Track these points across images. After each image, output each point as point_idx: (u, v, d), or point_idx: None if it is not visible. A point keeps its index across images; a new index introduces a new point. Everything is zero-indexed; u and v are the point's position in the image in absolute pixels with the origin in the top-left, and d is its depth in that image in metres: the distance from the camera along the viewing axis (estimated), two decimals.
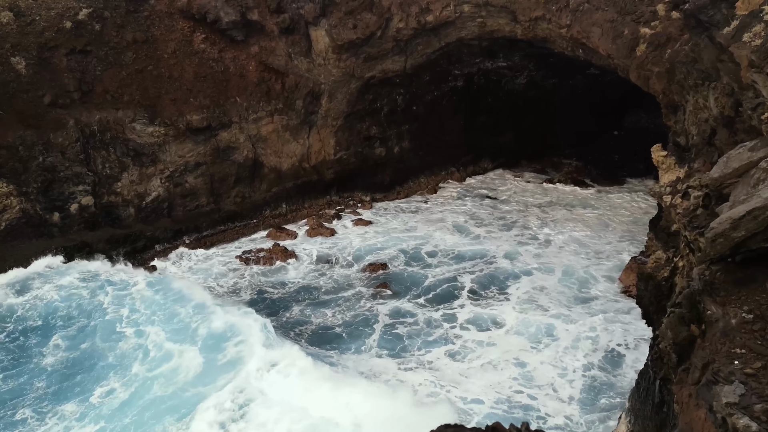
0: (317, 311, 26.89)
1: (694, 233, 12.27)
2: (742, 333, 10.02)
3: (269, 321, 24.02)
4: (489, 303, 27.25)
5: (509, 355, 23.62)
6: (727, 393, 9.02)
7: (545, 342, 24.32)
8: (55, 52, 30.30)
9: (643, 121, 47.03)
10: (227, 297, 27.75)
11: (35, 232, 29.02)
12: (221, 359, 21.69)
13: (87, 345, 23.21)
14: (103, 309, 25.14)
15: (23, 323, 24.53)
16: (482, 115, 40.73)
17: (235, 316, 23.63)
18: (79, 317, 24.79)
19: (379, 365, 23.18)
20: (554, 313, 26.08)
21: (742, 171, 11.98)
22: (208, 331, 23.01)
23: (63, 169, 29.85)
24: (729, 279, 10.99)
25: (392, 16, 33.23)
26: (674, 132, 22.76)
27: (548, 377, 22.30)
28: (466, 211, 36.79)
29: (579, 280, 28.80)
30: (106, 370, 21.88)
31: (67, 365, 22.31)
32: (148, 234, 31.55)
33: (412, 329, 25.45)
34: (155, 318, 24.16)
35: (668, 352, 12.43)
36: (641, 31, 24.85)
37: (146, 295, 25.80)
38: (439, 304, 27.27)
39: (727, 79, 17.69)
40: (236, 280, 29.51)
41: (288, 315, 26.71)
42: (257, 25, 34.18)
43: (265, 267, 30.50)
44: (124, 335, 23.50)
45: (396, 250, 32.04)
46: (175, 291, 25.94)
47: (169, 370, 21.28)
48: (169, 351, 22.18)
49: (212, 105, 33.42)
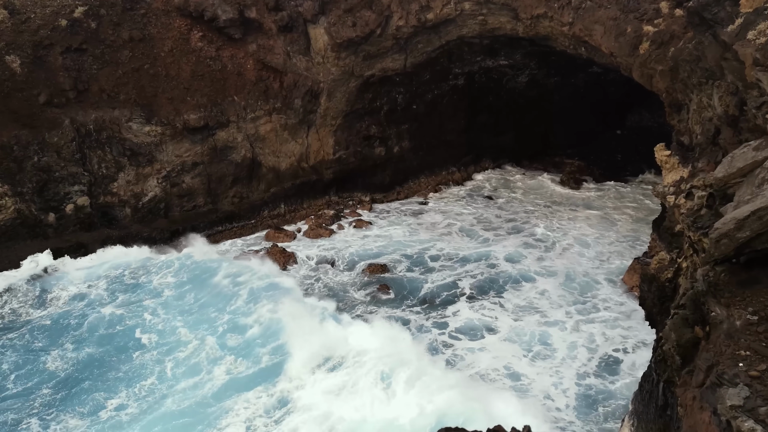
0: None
1: (698, 234, 12.27)
2: (747, 335, 10.01)
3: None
4: (485, 307, 26.95)
5: (499, 363, 23.30)
6: (731, 395, 9.01)
7: (538, 350, 23.99)
8: (50, 50, 30.29)
9: (645, 120, 47.02)
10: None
11: (30, 233, 29.03)
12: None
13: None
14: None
15: (35, 324, 24.87)
16: (483, 114, 40.73)
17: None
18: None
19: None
20: (552, 320, 25.86)
21: (746, 170, 11.96)
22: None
23: (58, 169, 29.84)
24: (733, 280, 10.99)
25: (392, 13, 33.22)
26: (678, 131, 22.75)
27: (543, 386, 21.97)
28: (468, 212, 36.71)
29: (581, 284, 28.70)
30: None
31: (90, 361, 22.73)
32: (144, 235, 31.55)
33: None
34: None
35: (672, 354, 12.43)
36: (644, 29, 24.85)
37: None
38: (434, 311, 26.90)
39: (732, 77, 17.67)
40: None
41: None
42: (255, 23, 34.17)
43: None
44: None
45: (395, 252, 31.95)
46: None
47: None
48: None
49: (209, 104, 33.41)
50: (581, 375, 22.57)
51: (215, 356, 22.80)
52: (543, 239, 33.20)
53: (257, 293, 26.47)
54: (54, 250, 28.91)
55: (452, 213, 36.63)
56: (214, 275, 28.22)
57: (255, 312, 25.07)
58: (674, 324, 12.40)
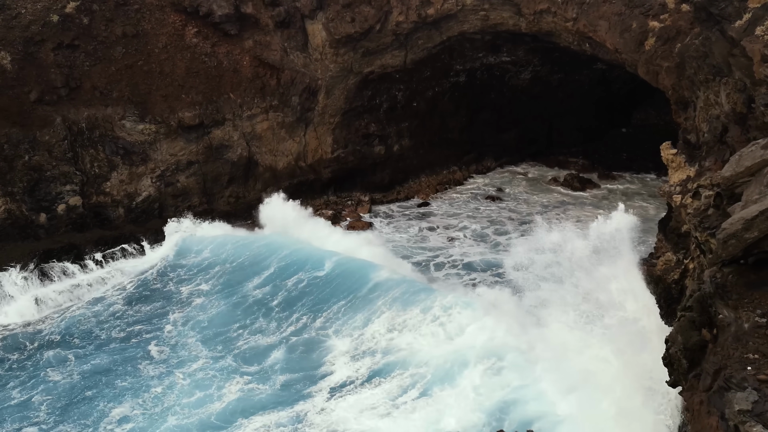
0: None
1: (705, 234, 12.28)
2: (756, 338, 10.02)
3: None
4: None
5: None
6: (739, 400, 9.02)
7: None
8: (41, 46, 30.29)
9: (651, 118, 46.96)
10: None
11: (21, 234, 29.02)
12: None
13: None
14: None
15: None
16: (485, 112, 40.70)
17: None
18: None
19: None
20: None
21: (754, 169, 11.97)
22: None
23: (50, 168, 29.83)
24: (741, 281, 10.99)
25: (391, 9, 33.21)
26: (684, 129, 22.77)
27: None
28: (470, 214, 36.25)
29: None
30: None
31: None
32: (138, 235, 31.53)
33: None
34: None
35: (678, 358, 12.44)
36: (650, 25, 24.87)
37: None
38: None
39: (739, 74, 17.69)
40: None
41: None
42: (251, 18, 34.16)
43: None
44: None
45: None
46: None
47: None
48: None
49: (205, 101, 33.40)
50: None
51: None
52: (548, 243, 32.26)
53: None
54: (45, 252, 28.89)
55: (454, 215, 36.14)
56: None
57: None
58: (681, 327, 12.40)
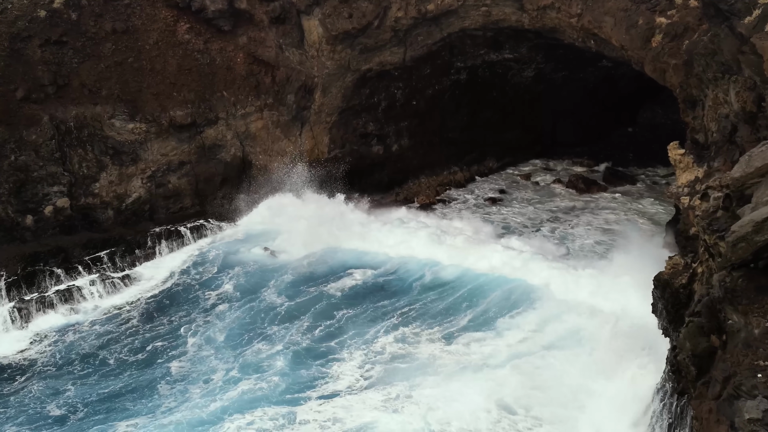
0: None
1: (714, 237, 12.29)
2: (766, 344, 10.03)
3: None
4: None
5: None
6: (750, 408, 9.03)
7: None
8: (28, 42, 30.27)
9: (658, 117, 47.09)
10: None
11: (6, 237, 28.97)
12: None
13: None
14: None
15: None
16: (487, 111, 40.72)
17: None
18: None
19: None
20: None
21: (765, 170, 11.99)
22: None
23: (37, 168, 29.80)
24: (751, 286, 11.00)
25: (390, 4, 33.24)
26: (692, 129, 22.83)
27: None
28: (473, 218, 35.60)
29: None
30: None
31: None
32: (128, 238, 31.52)
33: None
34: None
35: (687, 365, 12.45)
36: (657, 21, 24.92)
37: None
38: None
39: (749, 72, 17.73)
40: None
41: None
42: (245, 14, 34.19)
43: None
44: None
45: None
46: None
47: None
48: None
49: (197, 100, 33.42)
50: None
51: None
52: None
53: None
54: (32, 255, 28.85)
55: (457, 217, 35.80)
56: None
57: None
58: (689, 333, 12.42)
